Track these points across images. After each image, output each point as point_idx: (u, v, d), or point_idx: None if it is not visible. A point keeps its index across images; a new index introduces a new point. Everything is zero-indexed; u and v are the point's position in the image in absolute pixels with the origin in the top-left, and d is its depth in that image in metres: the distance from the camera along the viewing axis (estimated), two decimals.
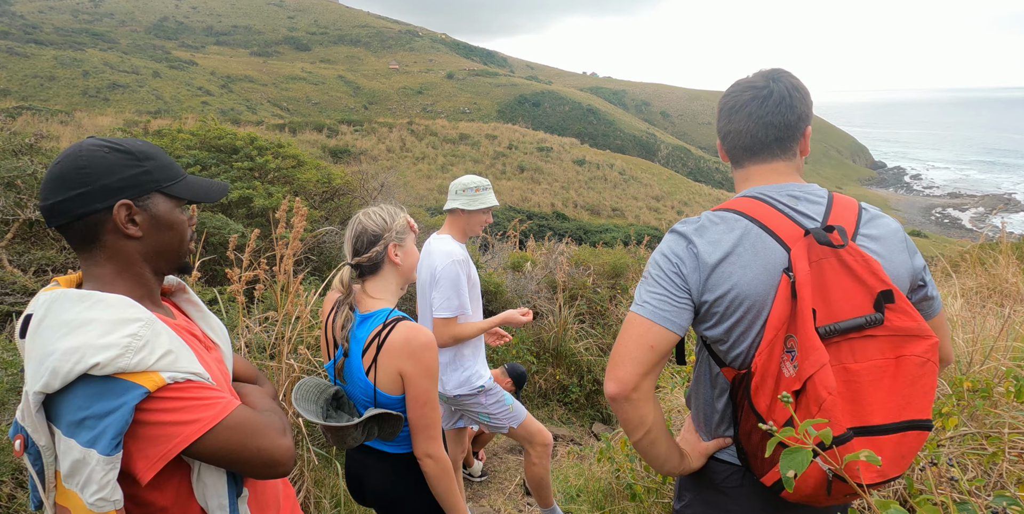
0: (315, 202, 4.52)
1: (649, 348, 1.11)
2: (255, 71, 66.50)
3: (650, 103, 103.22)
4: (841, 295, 1.04)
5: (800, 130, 1.21)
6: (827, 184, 78.94)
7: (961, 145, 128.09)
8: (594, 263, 6.42)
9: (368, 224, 1.63)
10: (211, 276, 3.52)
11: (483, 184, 2.60)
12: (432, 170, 30.96)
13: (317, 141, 31.90)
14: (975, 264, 6.25)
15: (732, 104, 1.23)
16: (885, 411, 0.99)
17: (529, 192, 30.81)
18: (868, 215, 1.17)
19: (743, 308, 1.11)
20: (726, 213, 1.16)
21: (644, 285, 1.18)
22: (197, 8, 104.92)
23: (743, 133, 1.22)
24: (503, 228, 21.33)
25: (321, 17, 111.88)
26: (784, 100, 1.18)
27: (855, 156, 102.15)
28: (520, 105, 69.71)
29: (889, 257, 1.13)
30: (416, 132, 36.39)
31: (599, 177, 35.95)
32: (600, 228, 25.23)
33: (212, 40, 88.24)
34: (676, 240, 1.17)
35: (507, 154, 35.86)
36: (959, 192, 74.76)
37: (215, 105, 51.83)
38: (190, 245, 1.14)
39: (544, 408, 5.14)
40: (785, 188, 1.18)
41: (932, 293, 1.21)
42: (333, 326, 1.61)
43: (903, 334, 1.01)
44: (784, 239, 1.10)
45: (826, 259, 1.04)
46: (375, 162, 30.68)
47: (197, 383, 0.97)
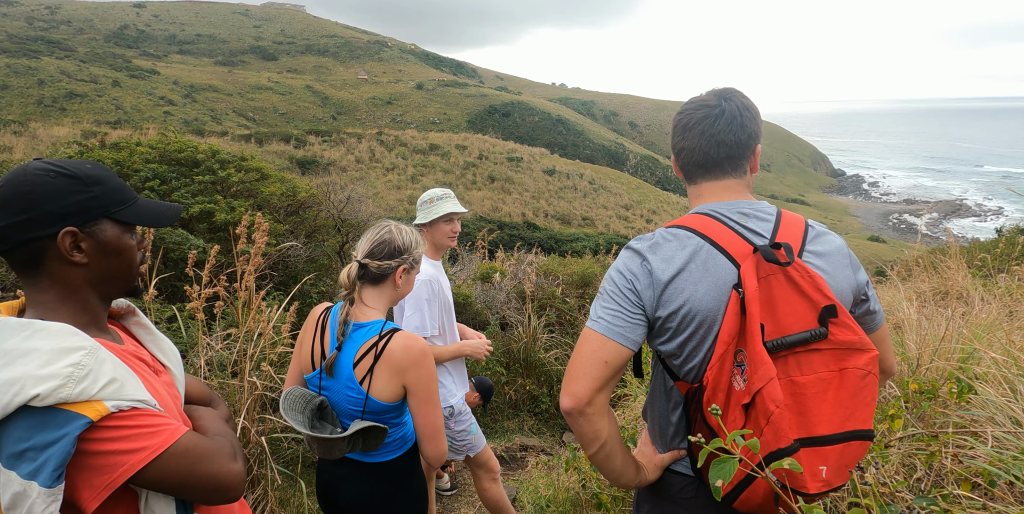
0: (280, 215, 4.47)
1: (603, 363, 1.13)
2: (220, 81, 65.38)
3: (618, 113, 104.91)
4: (788, 310, 1.07)
5: (750, 148, 1.25)
6: (790, 192, 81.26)
7: (912, 153, 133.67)
8: (563, 273, 6.47)
9: (397, 238, 1.66)
10: (171, 292, 3.45)
11: (438, 195, 2.57)
12: (402, 181, 30.85)
13: (285, 152, 31.50)
14: (928, 268, 6.53)
15: (686, 122, 1.26)
16: (830, 422, 1.03)
17: (500, 202, 30.92)
18: (814, 232, 1.21)
19: (695, 323, 1.13)
20: (679, 230, 1.19)
21: (599, 301, 1.20)
22: (159, 16, 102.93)
23: (696, 150, 1.24)
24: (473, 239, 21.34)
25: (288, 26, 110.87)
26: (735, 119, 1.22)
27: (816, 164, 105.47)
28: (490, 115, 70.07)
29: (833, 273, 1.17)
30: (386, 143, 36.25)
31: (569, 187, 36.31)
32: (570, 237, 25.44)
33: (175, 49, 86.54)
34: (631, 257, 1.20)
35: (477, 164, 35.97)
36: (914, 198, 77.81)
37: (178, 115, 50.73)
38: (141, 269, 1.13)
39: (515, 419, 5.14)
40: (735, 205, 1.22)
41: (875, 307, 1.25)
42: (331, 324, 1.62)
43: (846, 347, 1.05)
44: (734, 256, 1.13)
45: (774, 275, 1.08)
46: (344, 173, 30.40)
47: (143, 410, 0.96)
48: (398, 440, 1.72)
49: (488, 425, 4.93)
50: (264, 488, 2.53)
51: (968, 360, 2.78)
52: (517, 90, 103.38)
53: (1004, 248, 8.24)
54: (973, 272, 6.09)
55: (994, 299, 5.05)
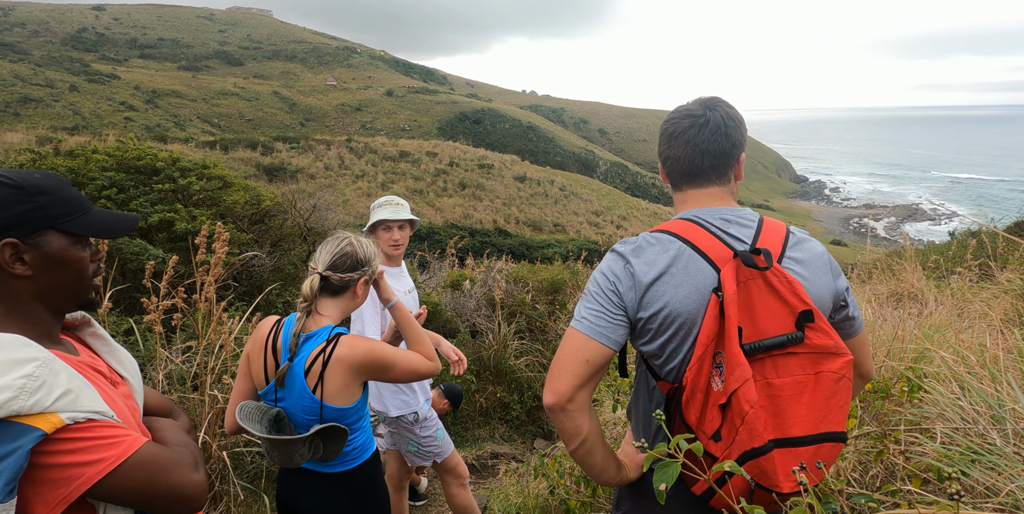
0: (244, 224, 4.39)
1: (585, 362, 1.16)
2: (183, 86, 63.97)
3: (588, 121, 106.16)
4: (766, 314, 1.10)
5: (735, 157, 1.28)
6: (756, 197, 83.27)
7: (868, 160, 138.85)
8: (532, 279, 6.50)
9: (358, 250, 1.67)
10: (128, 305, 3.35)
11: (379, 202, 2.54)
12: (372, 188, 30.59)
13: (251, 159, 30.95)
14: (885, 271, 6.77)
15: (672, 130, 1.28)
16: (804, 424, 1.06)
17: (471, 209, 30.91)
18: (795, 239, 1.24)
19: (675, 325, 1.16)
20: (662, 235, 1.21)
21: (583, 301, 1.22)
22: (119, 19, 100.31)
23: (681, 159, 1.27)
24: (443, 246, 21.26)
25: (255, 31, 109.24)
26: (720, 128, 1.24)
27: (780, 171, 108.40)
28: (461, 122, 70.14)
29: (812, 279, 1.19)
30: (355, 149, 35.91)
31: (540, 193, 36.51)
32: (542, 243, 25.56)
33: (136, 53, 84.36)
34: (615, 259, 1.22)
35: (448, 171, 35.91)
36: (873, 203, 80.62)
37: (140, 121, 49.38)
38: (95, 281, 1.10)
39: (485, 426, 5.12)
40: (718, 212, 1.24)
41: (853, 313, 1.28)
42: (284, 337, 1.61)
43: (821, 352, 1.08)
44: (714, 260, 1.15)
45: (753, 280, 1.11)
46: (313, 180, 30.01)
47: (100, 422, 0.94)
48: (358, 448, 1.71)
49: (459, 433, 4.90)
50: (227, 504, 2.47)
51: (920, 360, 2.89)
52: (488, 97, 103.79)
53: (956, 250, 8.61)
54: (927, 274, 6.34)
55: (946, 299, 5.27)
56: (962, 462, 1.76)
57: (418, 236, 24.77)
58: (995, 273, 7.20)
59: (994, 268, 7.29)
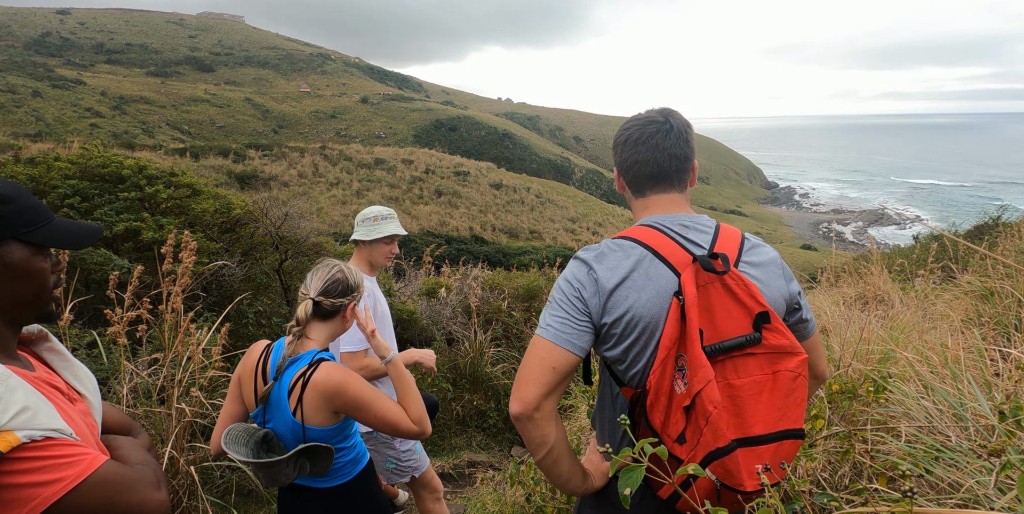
0: (213, 233, 4.30)
1: (551, 369, 1.17)
2: (152, 92, 62.69)
3: (563, 128, 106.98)
4: (725, 316, 1.13)
5: (691, 163, 1.34)
6: (728, 203, 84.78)
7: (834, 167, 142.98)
8: (508, 286, 6.50)
9: (349, 277, 1.74)
10: (92, 317, 3.25)
11: (383, 214, 2.56)
12: (347, 195, 30.32)
13: (223, 166, 30.44)
14: (853, 274, 6.96)
15: (637, 136, 1.31)
16: (764, 422, 1.09)
17: (447, 216, 30.83)
18: (750, 244, 1.28)
19: (639, 329, 1.18)
20: (623, 241, 1.24)
21: (548, 309, 1.23)
22: (85, 24, 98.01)
23: (650, 162, 1.30)
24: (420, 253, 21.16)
25: (226, 37, 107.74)
26: (681, 135, 1.30)
27: (751, 177, 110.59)
28: (436, 130, 70.06)
29: (767, 282, 1.24)
30: (329, 157, 35.58)
31: (516, 200, 36.61)
32: (518, 250, 25.61)
33: (103, 58, 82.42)
34: (578, 266, 1.24)
35: (424, 179, 35.80)
36: (841, 208, 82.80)
37: (106, 128, 48.19)
38: (55, 293, 1.07)
39: (462, 435, 5.09)
40: (677, 218, 1.28)
41: (807, 316, 1.33)
42: (273, 359, 1.66)
43: (778, 351, 1.12)
44: (675, 265, 1.19)
45: (712, 284, 1.14)
46: (286, 188, 29.62)
47: (58, 440, 0.91)
48: (350, 462, 1.75)
49: (435, 442, 4.86)
50: None
51: (886, 360, 2.97)
52: (463, 105, 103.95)
53: (920, 253, 8.89)
54: (893, 277, 6.54)
55: (911, 301, 5.44)
56: (925, 460, 1.81)
57: None
58: (956, 274, 7.47)
59: (955, 270, 7.56)
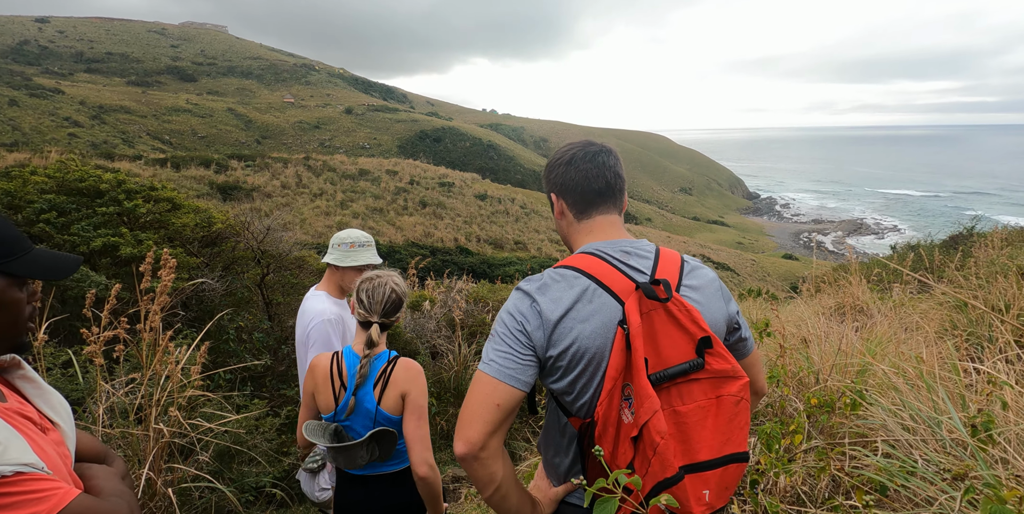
0: (194, 247, 4.26)
1: (495, 406, 1.15)
2: (132, 102, 61.97)
3: (548, 139, 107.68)
4: (668, 343, 1.14)
5: (625, 184, 1.37)
6: (711, 214, 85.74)
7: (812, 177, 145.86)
8: (492, 299, 6.50)
9: (398, 291, 1.97)
10: (68, 335, 3.18)
11: (360, 240, 2.55)
12: (331, 206, 30.13)
13: (204, 177, 30.12)
14: (833, 285, 7.07)
15: (582, 155, 1.33)
16: (710, 448, 1.11)
17: (432, 227, 30.76)
18: (689, 267, 1.29)
19: (584, 361, 1.18)
20: (566, 271, 1.23)
21: (491, 343, 1.22)
22: (65, 32, 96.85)
23: (598, 178, 1.31)
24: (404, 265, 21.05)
25: (209, 47, 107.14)
26: (617, 159, 1.35)
27: (733, 188, 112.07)
28: (421, 141, 70.09)
29: (707, 304, 1.25)
30: (313, 168, 35.38)
31: (501, 211, 36.68)
32: (503, 261, 25.62)
33: (82, 67, 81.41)
34: (520, 298, 1.23)
35: (408, 190, 35.73)
36: (821, 219, 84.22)
37: (85, 138, 47.49)
38: (29, 324, 1.06)
39: (447, 449, 5.05)
40: (618, 244, 1.28)
41: (746, 335, 1.35)
42: (349, 367, 1.91)
43: (721, 376, 1.13)
44: (618, 293, 1.19)
45: (655, 310, 1.15)
46: (269, 199, 29.38)
47: (29, 475, 0.90)
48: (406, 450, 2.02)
49: None
50: None
51: (864, 373, 3.03)
52: (448, 116, 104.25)
53: (897, 263, 9.07)
54: (871, 287, 6.67)
55: (888, 311, 5.54)
56: (900, 475, 1.85)
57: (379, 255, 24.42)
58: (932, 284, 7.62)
59: (931, 279, 7.72)
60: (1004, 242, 7.96)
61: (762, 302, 10.62)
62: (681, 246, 48.30)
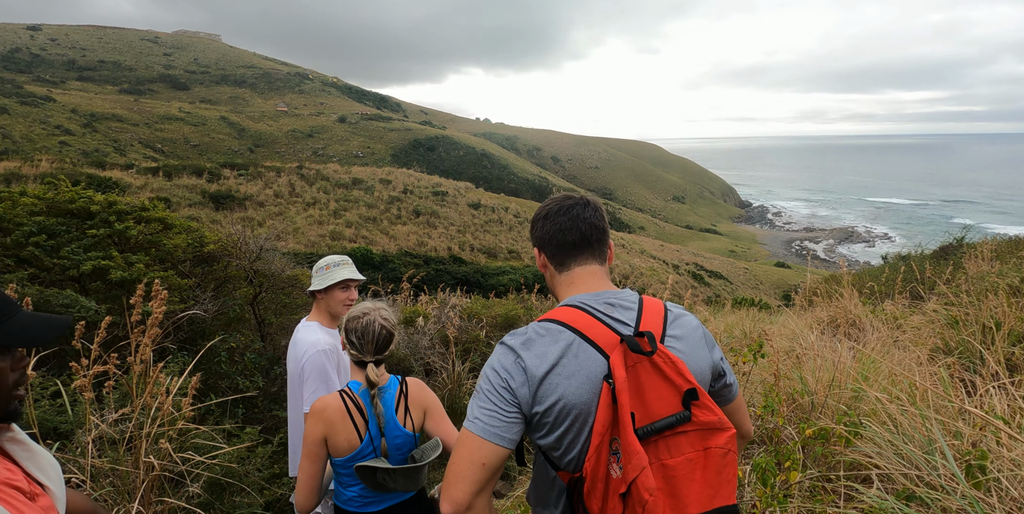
0: (186, 267, 4.23)
1: (481, 466, 1.15)
2: (125, 110, 61.77)
3: (541, 148, 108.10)
4: (655, 395, 1.14)
5: (609, 237, 1.39)
6: (704, 222, 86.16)
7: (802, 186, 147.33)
8: (486, 315, 6.48)
9: (387, 327, 1.94)
10: (57, 361, 3.14)
11: (334, 261, 2.53)
12: (324, 215, 30.04)
13: (197, 186, 29.99)
14: (825, 298, 7.10)
15: (557, 208, 1.36)
16: (699, 502, 1.10)
17: (425, 236, 30.72)
18: (672, 316, 1.30)
19: (571, 417, 1.17)
20: (550, 324, 1.23)
21: (476, 399, 1.21)
22: (57, 40, 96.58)
23: (572, 230, 1.33)
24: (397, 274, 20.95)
25: (202, 56, 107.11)
26: (598, 209, 1.37)
27: (726, 196, 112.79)
28: (415, 149, 70.20)
29: (692, 353, 1.26)
30: (306, 176, 35.32)
31: (495, 220, 36.70)
32: (497, 270, 25.60)
33: (74, 75, 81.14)
34: (505, 353, 1.23)
35: (402, 198, 35.71)
36: (813, 227, 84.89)
37: (76, 146, 47.23)
38: (17, 392, 1.03)
39: (440, 469, 5.00)
40: (602, 296, 1.29)
41: (730, 380, 1.36)
42: (368, 409, 1.89)
43: (708, 428, 1.13)
44: (603, 347, 1.19)
45: (640, 363, 1.15)
46: (262, 208, 29.27)
47: None
48: None
49: None
50: None
51: (859, 399, 3.03)
52: (442, 125, 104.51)
53: (889, 274, 9.11)
54: (864, 300, 6.70)
55: (881, 325, 5.57)
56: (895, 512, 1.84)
57: (371, 265, 24.33)
58: (924, 295, 7.68)
59: (923, 291, 7.77)
60: (993, 253, 8.04)
61: (755, 312, 10.66)
62: (674, 254, 48.48)
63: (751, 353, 3.54)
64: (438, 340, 6.12)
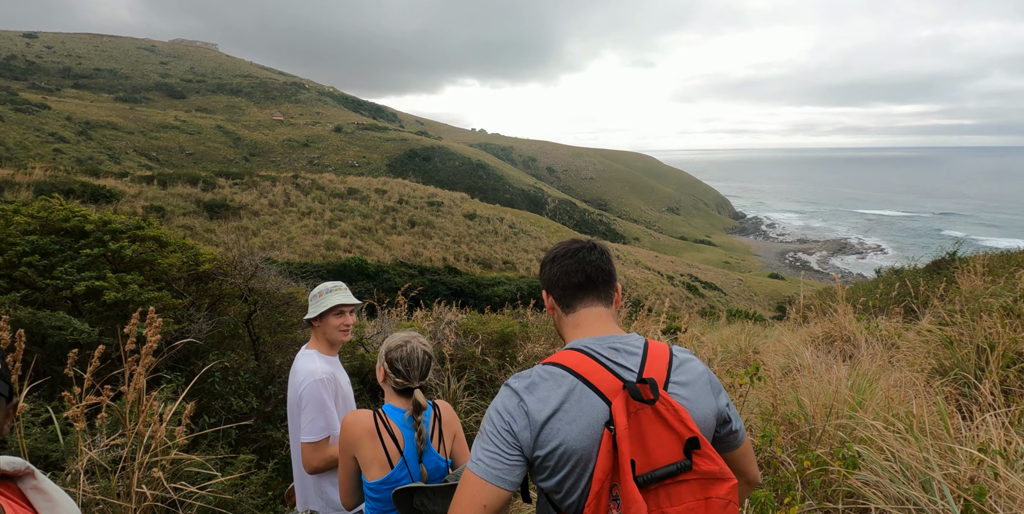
0: (180, 286, 4.20)
1: (482, 507, 1.17)
2: (120, 118, 61.66)
3: (536, 159, 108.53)
4: (656, 443, 1.15)
5: (616, 281, 1.40)
6: (698, 233, 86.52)
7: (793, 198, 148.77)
8: (482, 331, 6.46)
9: (428, 352, 2.00)
10: (48, 383, 3.10)
11: (327, 288, 2.51)
12: (319, 225, 29.97)
13: (191, 195, 29.89)
14: (820, 314, 7.12)
15: (563, 252, 1.39)
16: None
17: (420, 247, 30.68)
18: (678, 361, 1.30)
19: (572, 462, 1.18)
20: (554, 368, 1.25)
21: (479, 441, 1.24)
22: (53, 48, 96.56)
23: (577, 272, 1.36)
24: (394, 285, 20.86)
25: (198, 64, 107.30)
26: (604, 253, 1.39)
27: (720, 208, 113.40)
28: (410, 160, 70.34)
29: (696, 400, 1.26)
30: (302, 186, 35.28)
31: (490, 231, 36.72)
32: (492, 281, 25.57)
33: (70, 83, 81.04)
34: (509, 396, 1.24)
35: (397, 209, 35.71)
36: (806, 238, 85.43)
37: (70, 153, 47.08)
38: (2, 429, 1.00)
39: None
40: (607, 340, 1.30)
41: (736, 427, 1.36)
42: (405, 431, 1.90)
43: (709, 477, 1.14)
44: (605, 393, 1.20)
45: (643, 410, 1.16)
46: (256, 217, 29.19)
47: None
48: None
49: None
50: None
51: (855, 426, 3.03)
52: (437, 135, 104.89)
53: (883, 289, 9.14)
54: (858, 316, 6.72)
55: (877, 342, 5.58)
56: None
57: (366, 276, 24.27)
58: (917, 310, 7.69)
59: (916, 307, 7.79)
60: (985, 268, 8.10)
61: (750, 325, 10.69)
62: (669, 266, 48.61)
63: (748, 375, 3.54)
64: (434, 356, 6.09)
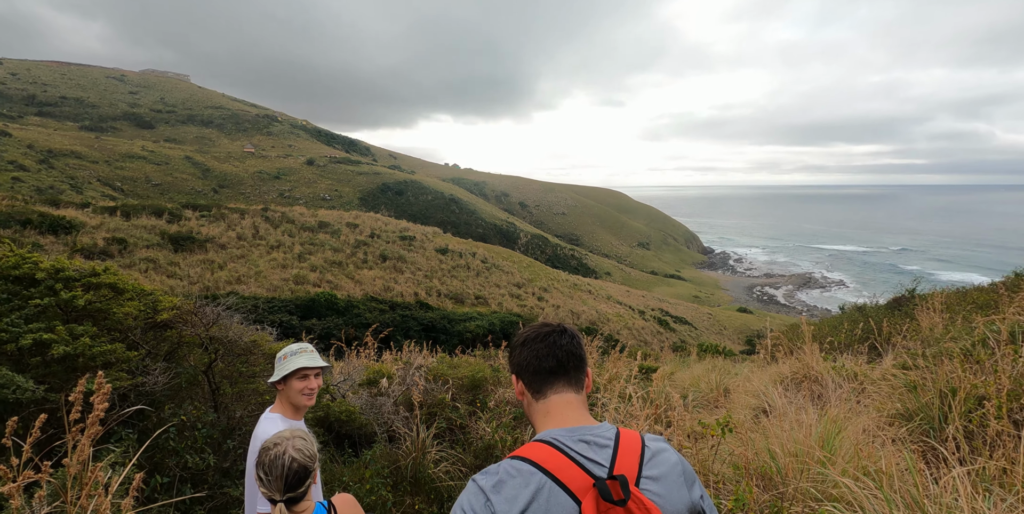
0: (136, 334, 4.02)
1: None
2: (84, 147, 60.44)
3: (509, 194, 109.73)
4: None
5: (586, 366, 1.39)
6: (668, 268, 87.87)
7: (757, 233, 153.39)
8: (452, 377, 6.33)
9: (299, 459, 1.69)
10: None
11: (292, 350, 2.45)
12: (288, 259, 29.44)
13: (156, 226, 29.17)
14: (787, 353, 7.23)
15: (534, 335, 1.38)
16: None
17: (392, 281, 30.34)
18: (650, 453, 1.29)
19: None
20: (523, 465, 1.22)
21: None
22: (17, 75, 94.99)
23: (548, 357, 1.35)
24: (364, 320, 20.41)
25: (169, 95, 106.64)
26: (576, 337, 1.38)
27: (689, 243, 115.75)
28: (383, 193, 70.35)
29: (668, 496, 1.25)
30: (271, 219, 34.81)
31: (462, 265, 36.62)
32: (464, 317, 25.31)
33: (33, 110, 79.49)
34: (475, 494, 1.22)
35: (369, 243, 35.42)
36: (772, 273, 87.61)
37: (30, 182, 45.74)
38: None
39: None
40: (577, 432, 1.28)
41: None
42: None
43: None
44: (575, 492, 1.18)
45: (613, 510, 1.14)
46: (223, 250, 28.56)
47: None
48: None
49: None
50: None
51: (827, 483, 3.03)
52: (411, 169, 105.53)
53: (848, 326, 9.35)
54: (824, 356, 6.84)
55: (844, 381, 5.66)
56: None
57: (336, 311, 23.76)
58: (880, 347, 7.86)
59: (879, 345, 7.96)
60: (943, 305, 8.38)
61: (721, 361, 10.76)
62: (640, 300, 49.01)
63: (720, 427, 3.53)
64: (402, 403, 5.92)
